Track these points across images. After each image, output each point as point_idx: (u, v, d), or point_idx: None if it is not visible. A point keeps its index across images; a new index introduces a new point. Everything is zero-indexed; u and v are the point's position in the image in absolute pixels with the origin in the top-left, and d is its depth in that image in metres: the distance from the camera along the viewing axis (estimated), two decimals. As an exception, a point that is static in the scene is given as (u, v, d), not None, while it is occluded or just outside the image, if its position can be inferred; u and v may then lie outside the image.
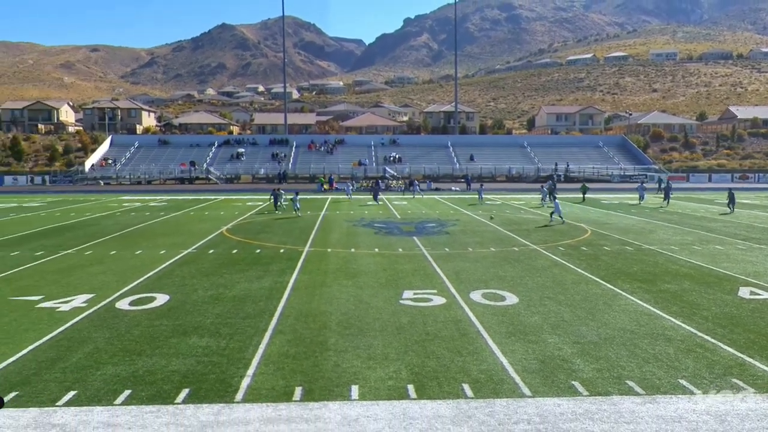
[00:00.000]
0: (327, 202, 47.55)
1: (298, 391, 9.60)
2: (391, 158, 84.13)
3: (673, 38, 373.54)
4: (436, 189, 67.00)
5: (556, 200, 33.17)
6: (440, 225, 32.33)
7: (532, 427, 8.38)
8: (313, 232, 29.15)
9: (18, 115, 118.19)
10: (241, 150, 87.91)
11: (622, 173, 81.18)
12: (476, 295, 15.93)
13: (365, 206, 44.42)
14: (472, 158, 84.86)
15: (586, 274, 18.87)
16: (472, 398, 9.34)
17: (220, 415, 8.79)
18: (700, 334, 12.58)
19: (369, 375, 10.30)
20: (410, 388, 9.73)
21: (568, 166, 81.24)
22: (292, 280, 17.96)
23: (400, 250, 23.76)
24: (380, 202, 47.43)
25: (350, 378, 10.16)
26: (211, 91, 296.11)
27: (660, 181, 62.19)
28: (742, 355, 11.24)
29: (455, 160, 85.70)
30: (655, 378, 10.14)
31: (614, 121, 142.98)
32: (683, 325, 13.24)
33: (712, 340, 12.12)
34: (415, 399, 9.31)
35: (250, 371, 10.49)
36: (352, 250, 23.80)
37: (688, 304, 15.07)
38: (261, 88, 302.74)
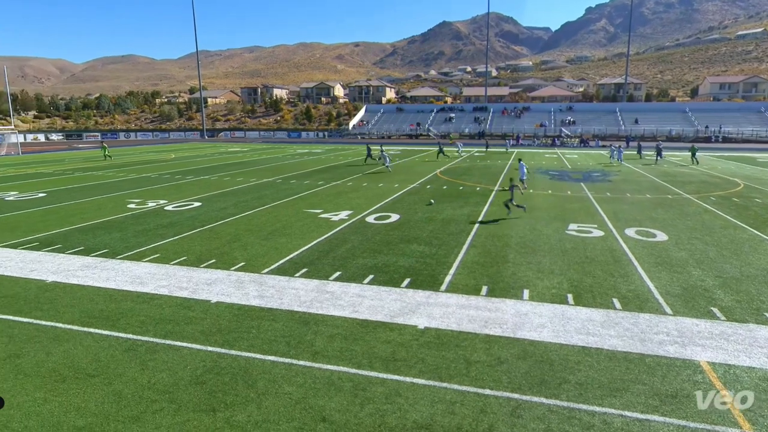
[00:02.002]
0: (513, 154, 45.61)
1: (484, 289, 9.65)
2: (567, 121, 77.39)
3: None
4: (603, 146, 60.56)
5: (522, 162, 23.22)
6: (604, 175, 29.35)
7: (670, 338, 7.54)
8: (501, 176, 28.32)
9: (309, 92, 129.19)
10: (452, 115, 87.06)
11: (783, 136, 65.67)
12: (630, 231, 14.39)
13: (543, 157, 41.79)
14: (636, 121, 74.60)
15: (735, 220, 15.95)
16: (620, 310, 8.63)
17: (429, 298, 9.21)
18: None
19: (537, 283, 9.98)
20: (569, 296, 9.26)
21: (720, 128, 67.67)
22: (484, 210, 17.78)
23: (569, 192, 22.15)
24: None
25: (523, 284, 9.95)
26: (433, 72, 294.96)
27: None
28: None
29: (621, 122, 76.06)
30: (795, 314, 8.41)
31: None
32: (831, 271, 10.69)
33: None
34: (572, 305, 8.86)
35: (451, 271, 10.75)
36: (531, 190, 22.73)
37: (838, 253, 12.08)
38: (468, 69, 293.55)
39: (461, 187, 23.65)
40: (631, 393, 6.13)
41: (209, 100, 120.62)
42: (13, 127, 64.37)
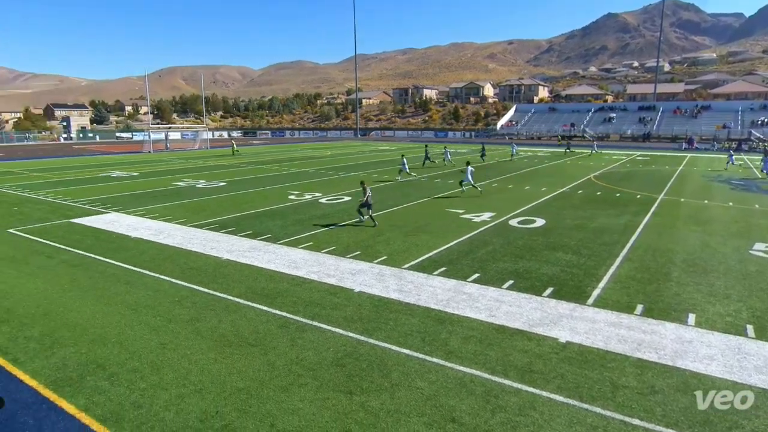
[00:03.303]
0: (685, 159, 40.20)
1: (639, 308, 8.71)
2: (759, 122, 65.53)
3: None
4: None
5: (469, 167, 21.44)
6: (807, 187, 24.29)
7: None
8: (669, 184, 25.17)
9: (458, 92, 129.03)
10: (612, 115, 79.73)
11: None
12: (842, 258, 11.71)
13: (724, 164, 36.04)
14: None
15: None
16: (820, 352, 7.08)
17: (574, 311, 8.60)
18: None
19: (707, 308, 8.68)
20: (749, 327, 7.88)
21: None
22: (644, 221, 16.01)
23: (757, 206, 18.81)
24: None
25: (688, 307, 8.74)
26: (593, 69, 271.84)
27: None
28: None
29: (837, 124, 62.03)
30: None
31: None
32: None
33: None
34: (752, 338, 7.53)
35: (601, 285, 9.90)
36: (705, 201, 19.83)
37: None
38: (635, 64, 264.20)
39: (618, 194, 21.59)
40: (830, 455, 5.01)
41: (363, 100, 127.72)
42: (205, 125, 75.68)
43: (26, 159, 43.49)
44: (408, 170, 27.86)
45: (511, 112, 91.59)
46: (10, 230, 15.18)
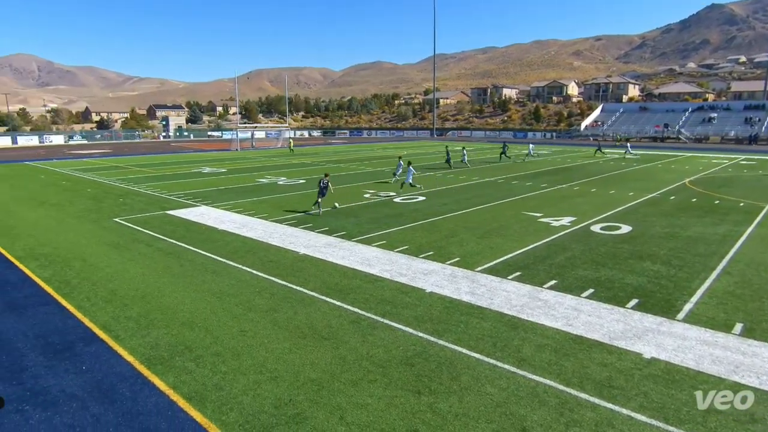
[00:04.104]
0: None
1: (738, 327, 7.92)
2: None
3: None
4: None
5: (410, 166, 22.61)
6: None
7: None
8: (779, 191, 22.61)
9: (540, 91, 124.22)
10: (713, 114, 72.98)
11: None
12: None
13: None
14: None
15: None
16: None
17: (661, 326, 8.01)
18: None
19: (822, 332, 7.70)
20: None
21: None
22: (748, 231, 14.51)
23: None
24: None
25: (798, 329, 7.81)
26: (691, 65, 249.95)
27: None
28: None
29: None
30: None
31: None
32: None
33: None
34: None
35: (693, 299, 9.12)
36: (824, 212, 17.60)
37: None
38: (743, 59, 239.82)
39: (717, 201, 19.77)
40: None
41: (441, 100, 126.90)
42: (287, 125, 79.05)
43: (130, 155, 47.83)
44: (398, 175, 25.90)
45: (596, 112, 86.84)
46: (116, 219, 16.79)
